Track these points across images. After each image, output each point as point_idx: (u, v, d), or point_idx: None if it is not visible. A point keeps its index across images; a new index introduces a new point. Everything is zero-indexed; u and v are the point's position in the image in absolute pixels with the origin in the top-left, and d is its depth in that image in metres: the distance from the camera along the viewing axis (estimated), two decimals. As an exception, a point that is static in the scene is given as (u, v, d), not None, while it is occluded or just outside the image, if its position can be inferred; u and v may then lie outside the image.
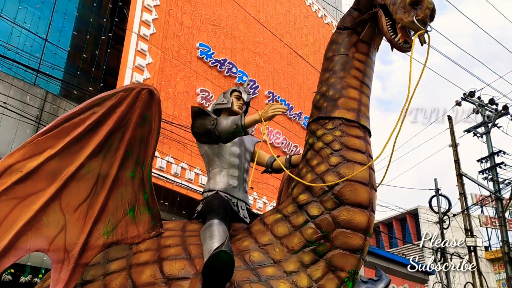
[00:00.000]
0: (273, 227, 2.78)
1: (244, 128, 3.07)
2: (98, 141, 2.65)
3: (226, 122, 3.12)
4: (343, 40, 3.09)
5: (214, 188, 3.24)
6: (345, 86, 2.94)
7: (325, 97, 2.98)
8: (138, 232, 2.83)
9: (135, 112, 2.70)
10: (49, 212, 2.56)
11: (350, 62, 3.00)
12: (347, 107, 2.89)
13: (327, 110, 2.91)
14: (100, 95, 2.71)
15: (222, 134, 3.12)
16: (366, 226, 2.67)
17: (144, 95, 2.70)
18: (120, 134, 2.71)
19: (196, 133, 3.27)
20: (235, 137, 3.24)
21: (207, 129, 3.15)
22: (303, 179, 2.86)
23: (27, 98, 7.01)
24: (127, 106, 2.67)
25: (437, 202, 17.65)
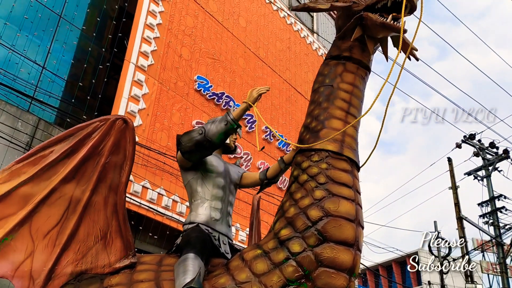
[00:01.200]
0: (252, 263, 2.61)
1: (235, 121, 2.97)
2: (72, 167, 2.68)
3: (214, 125, 3.00)
4: (329, 71, 3.03)
5: (195, 220, 3.10)
6: (328, 117, 2.83)
7: (308, 129, 2.88)
8: (109, 261, 2.74)
9: (109, 140, 2.77)
10: (18, 237, 2.54)
11: (334, 93, 2.90)
12: (329, 137, 2.73)
13: (309, 142, 2.80)
14: (77, 125, 2.81)
15: (214, 137, 2.97)
16: (351, 265, 2.49)
17: (118, 124, 2.79)
18: (94, 161, 2.74)
19: (186, 152, 3.06)
20: (228, 136, 3.09)
21: (197, 141, 2.99)
22: (285, 213, 2.72)
23: (18, 124, 6.94)
24: (102, 135, 2.75)
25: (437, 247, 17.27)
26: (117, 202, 2.77)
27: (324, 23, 17.46)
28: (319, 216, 2.55)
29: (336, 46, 3.09)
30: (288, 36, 14.43)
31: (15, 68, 7.79)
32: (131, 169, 2.85)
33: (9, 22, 8.03)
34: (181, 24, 10.59)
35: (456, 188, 16.11)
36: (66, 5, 9.00)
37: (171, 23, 10.30)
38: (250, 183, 3.50)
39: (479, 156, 16.25)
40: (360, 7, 2.83)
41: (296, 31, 14.95)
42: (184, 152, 3.09)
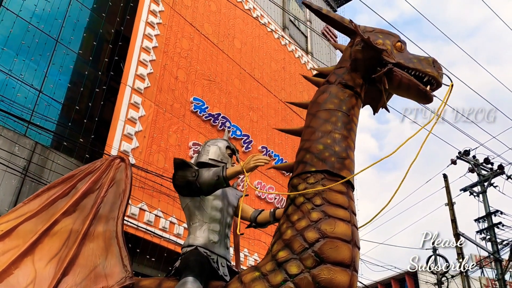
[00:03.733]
0: (250, 286, 2.63)
1: (226, 180, 3.01)
2: (73, 201, 2.90)
3: (207, 173, 3.06)
4: (345, 98, 3.08)
5: (193, 243, 3.13)
6: (347, 148, 2.94)
7: (331, 150, 2.88)
8: (107, 284, 2.79)
9: (108, 176, 3.04)
10: (21, 265, 2.68)
11: (350, 124, 3.03)
12: (350, 169, 2.88)
13: (335, 167, 2.81)
14: (79, 168, 3.11)
15: (203, 186, 3.05)
16: (348, 286, 2.52)
17: (116, 162, 3.10)
18: (93, 195, 2.97)
19: (177, 185, 3.21)
20: (216, 189, 3.15)
21: (188, 181, 3.08)
22: (283, 235, 2.75)
23: (15, 149, 6.97)
24: (101, 172, 3.03)
25: (435, 261, 17.20)
26: (116, 229, 2.90)
27: (318, 43, 17.71)
28: (315, 238, 2.58)
29: (350, 77, 3.15)
30: (283, 57, 14.62)
31: (12, 93, 7.86)
32: (128, 200, 3.07)
33: (6, 47, 8.12)
34: (176, 47, 10.73)
35: (452, 205, 16.12)
36: (63, 30, 9.12)
37: (167, 45, 10.44)
38: (242, 216, 3.52)
39: (474, 172, 16.32)
40: (391, 60, 3.04)
41: (291, 52, 15.16)
42: (175, 185, 3.24)
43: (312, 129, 3.05)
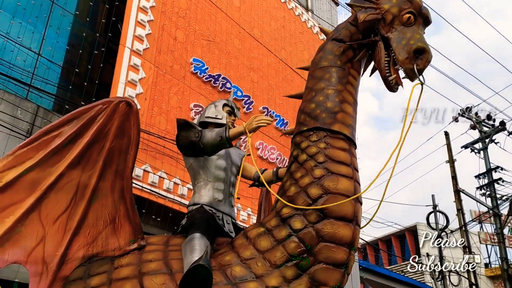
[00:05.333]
0: (255, 241, 2.72)
1: (229, 140, 3.04)
2: (77, 152, 2.67)
3: (210, 134, 3.09)
4: (340, 53, 3.06)
5: (198, 201, 3.20)
6: (342, 100, 2.93)
7: (323, 107, 2.91)
8: (119, 244, 2.81)
9: (113, 124, 2.74)
10: (28, 223, 2.56)
11: (346, 77, 3.00)
12: (344, 122, 2.87)
13: (326, 122, 2.85)
14: (79, 108, 2.77)
15: (206, 146, 3.08)
16: (350, 240, 2.60)
17: (122, 107, 2.76)
18: (99, 146, 2.74)
19: (181, 146, 3.24)
20: (219, 150, 3.19)
21: (191, 141, 3.12)
22: (286, 192, 2.81)
23: (17, 112, 6.98)
24: (106, 118, 2.72)
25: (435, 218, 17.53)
26: (124, 187, 2.80)
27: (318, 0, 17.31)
28: (319, 194, 2.64)
29: (349, 32, 3.09)
30: (282, 15, 14.33)
31: (11, 56, 7.78)
32: (137, 153, 2.86)
33: (2, 9, 7.98)
34: (174, 6, 10.52)
35: (453, 162, 16.26)
36: (58, -10, 8.92)
37: (164, 5, 10.23)
38: (246, 175, 3.58)
39: (475, 129, 16.36)
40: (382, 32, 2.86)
41: (291, 9, 14.84)
42: (178, 145, 3.26)
43: (308, 89, 3.11)
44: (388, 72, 2.79)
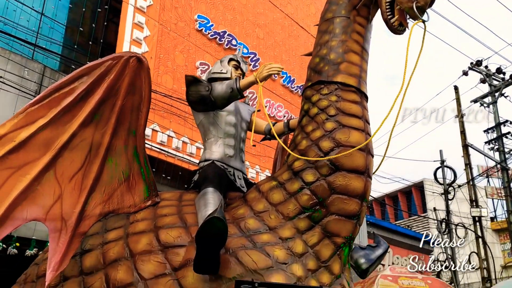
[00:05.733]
0: (268, 194, 2.76)
1: (240, 91, 3.02)
2: (89, 110, 2.66)
3: (221, 87, 3.07)
4: (344, 1, 2.98)
5: (210, 157, 3.22)
6: (346, 50, 2.87)
7: (326, 60, 2.88)
8: (134, 201, 2.85)
9: (124, 81, 2.70)
10: (44, 181, 2.58)
11: (351, 25, 2.92)
12: (349, 72, 2.83)
13: (329, 74, 2.83)
14: (88, 64, 2.71)
15: (217, 99, 3.07)
16: (362, 191, 2.63)
17: (133, 63, 2.69)
18: (110, 103, 2.71)
19: (191, 101, 3.23)
20: (230, 102, 3.17)
21: (202, 95, 3.10)
22: (298, 146, 2.82)
23: (25, 73, 6.97)
24: (116, 74, 2.67)
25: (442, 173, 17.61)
26: (137, 144, 2.81)
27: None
28: (330, 147, 2.65)
29: None
30: (288, -32, 13.90)
31: (14, 16, 7.68)
32: (148, 111, 2.84)
33: (3, -32, 7.81)
34: (177, -39, 10.23)
35: (462, 116, 16.14)
36: None
37: (167, -40, 9.95)
38: (256, 130, 3.58)
39: (485, 83, 16.11)
40: None
41: (296, -38, 14.38)
42: (189, 101, 3.25)
43: (315, 45, 3.07)
44: (390, 14, 2.65)
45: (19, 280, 3.25)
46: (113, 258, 2.60)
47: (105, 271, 2.58)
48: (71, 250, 2.62)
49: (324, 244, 2.57)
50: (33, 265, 3.25)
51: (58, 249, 2.58)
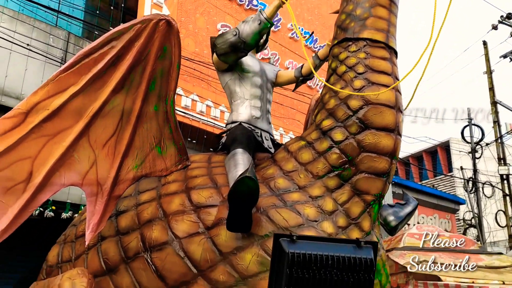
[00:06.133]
0: (297, 154, 2.77)
1: (269, 20, 3.00)
2: (120, 76, 2.65)
3: (247, 25, 3.04)
4: None
5: (237, 119, 3.23)
6: (373, 4, 2.79)
7: (352, 16, 2.83)
8: (166, 166, 2.90)
9: (154, 45, 2.67)
10: (79, 148, 2.63)
11: None
12: (376, 27, 2.76)
13: (355, 31, 2.78)
14: (117, 28, 2.68)
15: (248, 38, 3.02)
16: (392, 149, 2.62)
17: (162, 26, 2.64)
18: (140, 68, 2.70)
19: (222, 54, 3.15)
20: (262, 36, 3.13)
21: (231, 42, 3.05)
22: (326, 105, 2.80)
23: (50, 40, 7.03)
24: (146, 38, 2.63)
25: (469, 131, 17.28)
26: (168, 110, 2.82)
27: None
28: (359, 105, 2.63)
29: None
30: None
31: (36, -17, 7.67)
32: (179, 75, 2.82)
33: None
34: None
35: (491, 72, 15.65)
36: None
37: None
38: (286, 81, 3.57)
39: (516, 37, 15.47)
40: None
41: None
42: (219, 55, 3.16)
43: (342, 0, 3.00)
44: None
45: (59, 240, 3.41)
46: (147, 218, 2.69)
47: (140, 230, 2.67)
48: (107, 212, 2.71)
49: (353, 202, 2.59)
50: (71, 226, 3.39)
51: (96, 212, 2.66)
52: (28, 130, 2.51)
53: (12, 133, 2.49)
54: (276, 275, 1.67)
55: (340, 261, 1.61)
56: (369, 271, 1.63)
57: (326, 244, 1.68)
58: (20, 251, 7.32)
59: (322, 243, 1.69)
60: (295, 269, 1.61)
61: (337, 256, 1.61)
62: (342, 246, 1.69)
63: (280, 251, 1.68)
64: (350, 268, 1.62)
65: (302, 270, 1.60)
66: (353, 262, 1.63)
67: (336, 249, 1.64)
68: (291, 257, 1.63)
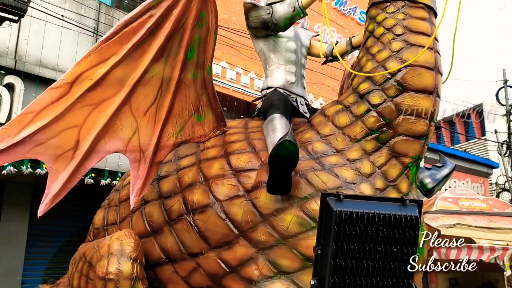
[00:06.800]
0: (334, 118, 2.79)
1: (303, 10, 2.98)
2: (159, 45, 2.70)
3: (282, 7, 3.03)
4: None
5: (272, 85, 3.25)
6: None
7: None
8: (204, 132, 2.97)
9: (191, 12, 2.70)
10: (121, 116, 2.72)
11: None
12: None
13: None
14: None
15: (279, 21, 3.04)
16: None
17: None
18: (179, 37, 2.74)
19: (253, 28, 3.20)
20: (294, 22, 3.13)
21: (263, 19, 3.08)
22: (362, 68, 2.79)
23: (82, 10, 7.12)
24: (184, 6, 2.67)
25: (505, 93, 16.73)
26: (205, 77, 2.87)
27: None
28: (398, 68, 2.61)
29: None
30: None
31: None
32: (215, 42, 2.85)
33: None
34: None
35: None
36: None
37: None
38: (316, 54, 3.54)
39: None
40: None
41: None
42: (250, 27, 3.21)
43: None
44: None
45: (103, 205, 3.57)
46: (189, 182, 2.79)
47: (182, 194, 2.78)
48: (150, 177, 2.82)
49: (391, 165, 2.61)
50: (114, 191, 3.53)
51: (139, 177, 2.77)
52: (74, 100, 2.61)
53: (59, 103, 2.60)
54: (324, 232, 1.74)
55: (386, 219, 1.66)
56: (414, 228, 1.68)
57: (371, 203, 1.73)
58: (63, 216, 7.68)
59: (368, 201, 1.74)
60: (342, 226, 1.67)
61: (383, 214, 1.66)
62: (387, 205, 1.74)
63: (327, 209, 1.74)
64: (395, 225, 1.68)
65: (349, 227, 1.67)
66: (398, 219, 1.68)
67: (381, 207, 1.69)
68: (339, 215, 1.69)
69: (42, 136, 2.57)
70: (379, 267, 1.68)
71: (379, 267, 1.68)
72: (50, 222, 7.81)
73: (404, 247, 1.69)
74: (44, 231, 8.00)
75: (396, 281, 1.69)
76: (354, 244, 1.69)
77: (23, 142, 2.53)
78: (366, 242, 1.67)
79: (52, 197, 2.60)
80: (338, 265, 1.71)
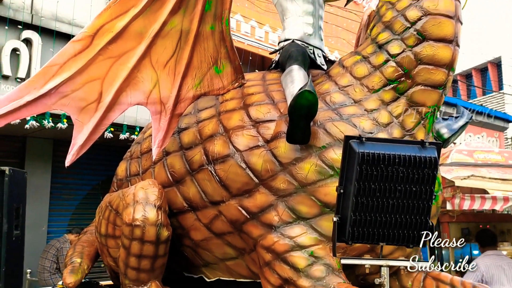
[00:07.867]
0: (352, 68, 2.80)
1: None
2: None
3: None
4: None
5: (289, 37, 3.25)
6: None
7: None
8: (223, 84, 3.01)
9: None
10: (142, 69, 2.77)
11: None
12: None
13: None
14: None
15: None
16: (450, 61, 2.59)
17: None
18: None
19: None
20: None
21: None
22: (382, 17, 2.77)
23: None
24: None
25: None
26: (223, 29, 2.88)
27: None
28: (418, 16, 2.58)
29: None
30: None
31: None
32: None
33: None
34: None
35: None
36: None
37: None
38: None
39: None
40: None
41: None
42: None
43: None
44: None
45: (125, 157, 3.69)
46: (209, 134, 2.86)
47: (203, 145, 2.86)
48: (171, 129, 2.89)
49: (409, 114, 2.63)
50: (135, 144, 3.64)
51: (161, 129, 2.85)
52: (96, 52, 2.66)
53: (82, 56, 2.66)
54: (347, 173, 1.83)
55: (406, 159, 1.74)
56: (433, 168, 1.76)
57: (392, 145, 1.80)
58: (83, 170, 7.90)
59: (389, 144, 1.81)
60: (364, 167, 1.75)
61: (403, 155, 1.73)
62: (408, 147, 1.80)
63: (350, 151, 1.82)
64: (415, 166, 1.75)
65: (371, 167, 1.75)
66: (418, 160, 1.75)
67: (402, 149, 1.76)
68: (361, 155, 1.77)
69: (67, 88, 2.64)
70: (399, 205, 1.78)
71: (398, 205, 1.78)
72: (71, 175, 8.06)
73: (423, 186, 1.78)
74: (66, 184, 8.27)
75: (414, 218, 1.78)
76: (375, 183, 1.78)
77: (49, 94, 2.61)
78: (386, 181, 1.76)
79: (79, 147, 2.71)
80: (360, 203, 1.81)
